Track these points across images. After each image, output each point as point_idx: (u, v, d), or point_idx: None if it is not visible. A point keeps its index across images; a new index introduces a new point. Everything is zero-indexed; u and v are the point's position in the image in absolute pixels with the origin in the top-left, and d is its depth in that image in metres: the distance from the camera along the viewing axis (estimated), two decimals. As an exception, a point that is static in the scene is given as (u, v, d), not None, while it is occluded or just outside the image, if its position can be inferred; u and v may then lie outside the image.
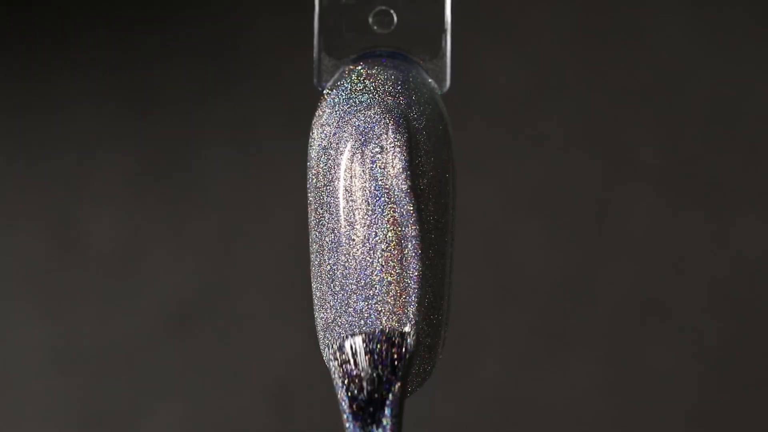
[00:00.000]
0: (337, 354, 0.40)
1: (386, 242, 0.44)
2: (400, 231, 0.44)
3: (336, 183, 0.45)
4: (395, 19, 0.46)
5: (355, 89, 0.45)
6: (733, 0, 1.02)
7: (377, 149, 0.44)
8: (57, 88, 1.01)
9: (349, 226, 0.44)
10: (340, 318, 0.45)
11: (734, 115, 1.02)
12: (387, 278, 0.44)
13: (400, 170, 0.44)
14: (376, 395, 0.37)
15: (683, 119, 1.02)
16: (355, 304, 0.44)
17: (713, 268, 1.00)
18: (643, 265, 1.00)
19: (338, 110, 0.45)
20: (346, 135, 0.45)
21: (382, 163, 0.44)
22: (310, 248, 0.46)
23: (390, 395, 0.37)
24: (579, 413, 0.99)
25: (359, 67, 0.45)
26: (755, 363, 0.99)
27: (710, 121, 1.01)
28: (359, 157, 0.44)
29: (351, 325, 0.45)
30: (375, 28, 0.46)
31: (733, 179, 1.01)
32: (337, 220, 0.45)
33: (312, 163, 0.45)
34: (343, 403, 0.38)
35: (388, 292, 0.44)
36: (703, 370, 0.99)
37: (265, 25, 1.02)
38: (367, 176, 0.44)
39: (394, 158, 0.44)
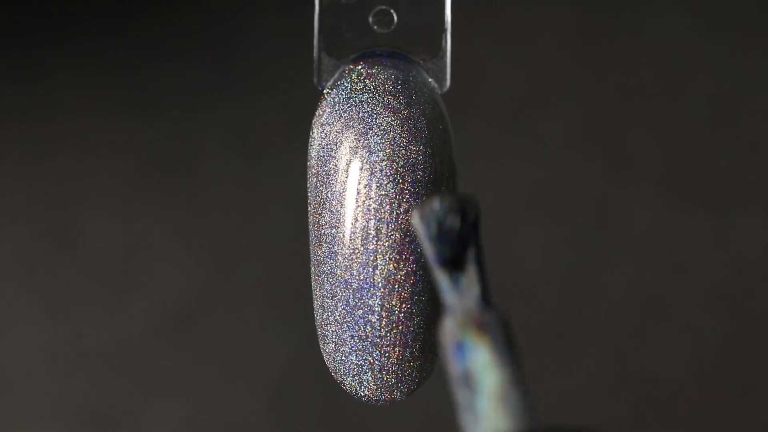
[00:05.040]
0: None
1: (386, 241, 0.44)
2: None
3: (336, 182, 0.45)
4: (395, 19, 0.46)
5: (355, 89, 0.45)
6: (733, 0, 1.02)
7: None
8: (58, 88, 1.01)
9: (349, 225, 0.44)
10: (339, 317, 0.45)
11: (735, 116, 1.02)
12: (386, 277, 0.44)
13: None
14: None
15: (683, 119, 1.02)
16: (355, 303, 0.44)
17: (713, 268, 1.00)
18: (643, 265, 1.00)
19: (338, 110, 0.45)
20: (346, 134, 0.45)
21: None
22: (310, 248, 0.46)
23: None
24: (579, 413, 0.99)
25: (359, 67, 0.46)
26: (755, 363, 0.99)
27: (710, 121, 1.01)
28: (359, 156, 0.44)
29: (351, 325, 0.45)
30: (375, 28, 0.46)
31: (733, 179, 1.01)
32: (337, 219, 0.45)
33: (312, 162, 0.45)
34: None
35: (387, 291, 0.44)
36: (703, 370, 0.99)
37: (265, 25, 1.02)
38: (367, 175, 0.44)
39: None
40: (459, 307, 0.37)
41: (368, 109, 0.45)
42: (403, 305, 0.45)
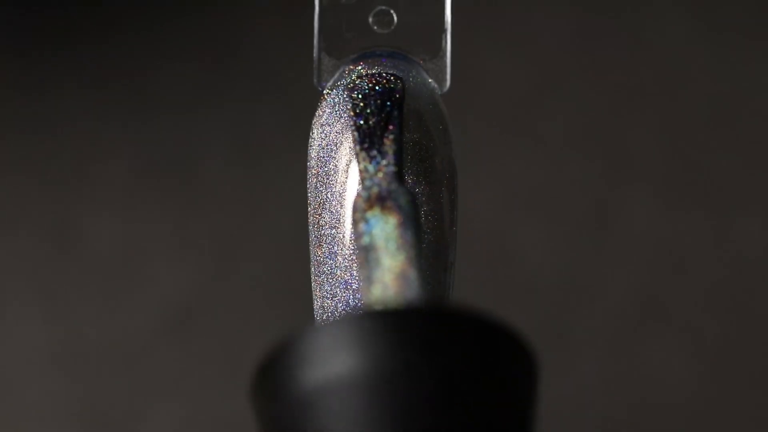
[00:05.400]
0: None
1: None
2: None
3: (336, 183, 0.45)
4: (395, 19, 0.46)
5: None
6: (733, 0, 1.02)
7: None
8: (57, 88, 1.01)
9: (348, 225, 0.44)
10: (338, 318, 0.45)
11: (734, 115, 1.02)
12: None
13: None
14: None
15: (683, 119, 1.02)
16: (355, 304, 0.44)
17: (713, 268, 1.00)
18: (643, 265, 1.00)
19: (338, 110, 0.45)
20: (346, 135, 0.45)
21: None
22: (310, 248, 0.46)
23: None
24: (578, 413, 0.99)
25: (359, 67, 0.45)
26: (755, 363, 0.99)
27: (710, 121, 1.02)
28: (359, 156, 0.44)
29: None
30: (375, 28, 0.46)
31: (733, 179, 1.01)
32: (337, 220, 0.45)
33: (312, 163, 0.45)
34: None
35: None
36: (703, 370, 0.99)
37: (265, 25, 1.02)
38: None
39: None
40: (371, 182, 0.37)
41: (368, 109, 0.45)
42: (403, 305, 0.45)
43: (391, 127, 0.38)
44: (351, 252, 0.44)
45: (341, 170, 0.45)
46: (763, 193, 1.01)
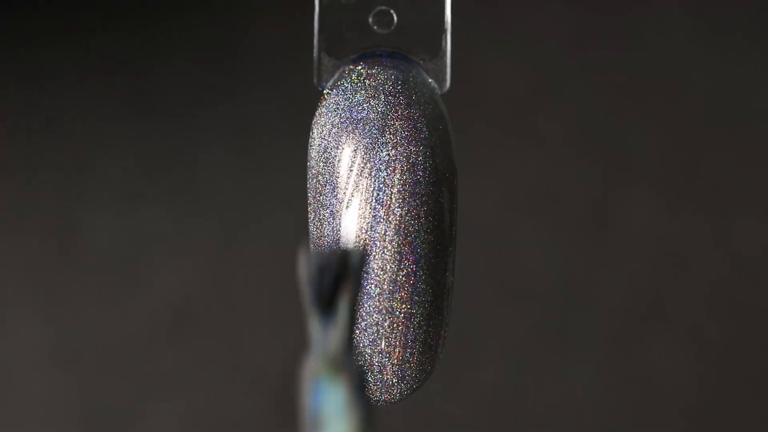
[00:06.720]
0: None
1: (385, 242, 0.44)
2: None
3: (336, 183, 0.45)
4: (395, 19, 0.46)
5: (355, 89, 0.45)
6: (733, 0, 1.02)
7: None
8: (58, 88, 1.01)
9: (348, 225, 0.44)
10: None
11: (734, 116, 1.02)
12: (384, 278, 0.44)
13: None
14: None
15: (683, 119, 1.02)
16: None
17: (713, 268, 1.00)
18: (643, 265, 1.00)
19: (338, 110, 0.45)
20: (346, 135, 0.45)
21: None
22: (310, 248, 0.46)
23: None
24: (579, 413, 0.99)
25: (359, 67, 0.45)
26: (755, 363, 0.99)
27: (710, 121, 1.01)
28: (359, 156, 0.44)
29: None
30: (375, 28, 0.46)
31: (733, 179, 1.01)
32: (337, 219, 0.45)
33: (312, 163, 0.45)
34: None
35: (383, 294, 0.44)
36: (703, 370, 0.99)
37: (265, 25, 1.02)
38: (367, 175, 0.44)
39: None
40: (322, 347, 0.37)
41: (368, 109, 0.45)
42: (403, 306, 0.45)
43: (346, 291, 0.38)
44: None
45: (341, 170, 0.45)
46: (763, 193, 1.01)
